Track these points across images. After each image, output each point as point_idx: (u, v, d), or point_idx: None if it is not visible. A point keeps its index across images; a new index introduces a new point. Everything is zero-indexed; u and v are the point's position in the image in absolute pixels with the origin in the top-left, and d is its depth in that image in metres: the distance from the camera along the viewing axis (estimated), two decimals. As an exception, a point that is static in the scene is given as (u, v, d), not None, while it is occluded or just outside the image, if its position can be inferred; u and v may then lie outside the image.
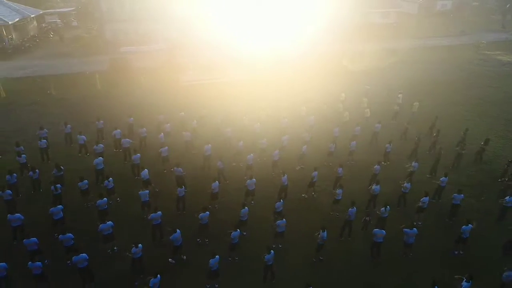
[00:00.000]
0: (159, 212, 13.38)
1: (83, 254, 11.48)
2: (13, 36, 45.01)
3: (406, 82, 30.42)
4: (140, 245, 11.81)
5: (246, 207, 13.60)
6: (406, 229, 12.72)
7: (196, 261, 12.71)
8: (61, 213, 13.69)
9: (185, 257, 12.95)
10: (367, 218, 14.16)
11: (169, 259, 12.84)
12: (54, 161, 18.14)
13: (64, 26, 58.58)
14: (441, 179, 15.73)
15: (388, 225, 13.63)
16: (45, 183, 16.24)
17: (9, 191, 14.85)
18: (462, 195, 14.57)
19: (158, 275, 10.71)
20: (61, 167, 16.62)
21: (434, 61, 37.66)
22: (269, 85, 29.17)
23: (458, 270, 12.13)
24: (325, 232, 12.53)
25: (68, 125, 20.50)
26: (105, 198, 14.23)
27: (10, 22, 42.32)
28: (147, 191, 14.76)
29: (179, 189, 14.81)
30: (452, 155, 18.74)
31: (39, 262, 11.49)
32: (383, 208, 14.02)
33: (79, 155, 19.52)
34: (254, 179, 15.43)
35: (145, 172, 16.11)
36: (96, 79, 29.00)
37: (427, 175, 17.88)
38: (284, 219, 13.22)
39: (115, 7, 43.87)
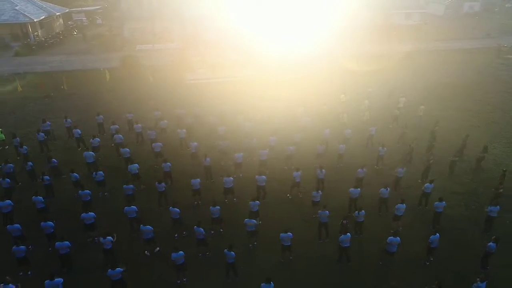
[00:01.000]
0: (134, 207, 13.81)
1: (66, 242, 12.09)
2: (39, 33, 47.30)
3: (417, 85, 29.71)
4: (108, 237, 12.24)
5: (217, 206, 13.74)
6: (390, 237, 12.46)
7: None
8: (42, 203, 14.38)
9: (158, 248, 13.29)
10: (344, 222, 13.98)
11: (145, 252, 13.29)
12: (53, 153, 19.15)
13: (89, 24, 60.90)
14: (425, 185, 15.32)
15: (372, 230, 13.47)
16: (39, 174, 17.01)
17: (8, 179, 15.81)
18: (443, 202, 14.16)
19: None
20: (53, 159, 17.41)
21: (452, 64, 36.46)
22: (278, 85, 28.95)
23: (429, 280, 11.87)
24: (289, 233, 12.51)
25: (69, 119, 21.39)
26: (87, 190, 14.82)
27: (35, 20, 44.44)
28: (131, 185, 15.24)
29: (157, 184, 15.18)
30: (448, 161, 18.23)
31: (23, 247, 12.19)
32: (356, 212, 13.87)
33: (79, 149, 20.25)
34: (231, 178, 15.61)
35: (133, 167, 16.62)
36: (106, 76, 29.95)
37: (418, 180, 17.44)
38: (254, 220, 13.29)
39: (133, 6, 45.22)
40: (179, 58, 35.49)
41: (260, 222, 14.31)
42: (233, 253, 11.81)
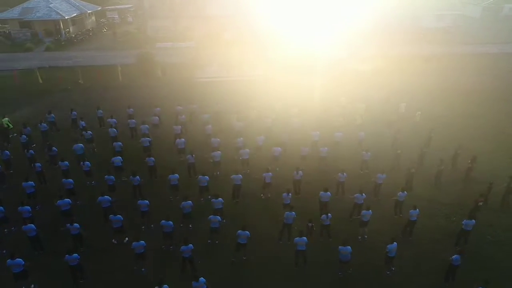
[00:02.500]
0: (107, 197, 14.48)
1: (31, 225, 12.99)
2: (70, 29, 50.06)
3: (427, 90, 28.62)
4: (76, 224, 12.99)
5: (189, 201, 14.14)
6: (340, 246, 12.18)
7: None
8: (33, 188, 15.39)
9: (127, 239, 13.89)
10: (310, 224, 13.93)
11: (113, 240, 13.96)
12: (54, 143, 20.41)
13: (121, 22, 63.48)
14: (398, 193, 14.88)
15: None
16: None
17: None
18: (417, 210, 13.72)
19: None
20: (53, 148, 18.58)
21: (474, 69, 34.69)
22: (289, 86, 28.79)
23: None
24: (246, 231, 12.65)
25: (74, 112, 22.67)
26: (70, 179, 15.74)
27: (66, 17, 47.11)
28: (112, 176, 15.99)
29: (131, 177, 15.81)
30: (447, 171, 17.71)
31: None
32: (324, 215, 13.75)
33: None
34: (207, 177, 15.90)
35: (117, 159, 17.41)
36: (119, 72, 31.28)
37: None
38: (218, 216, 13.55)
39: (156, 4, 46.71)
40: (194, 56, 36.34)
41: (224, 221, 14.56)
42: (191, 245, 12.14)
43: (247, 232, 12.74)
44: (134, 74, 32.16)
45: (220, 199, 14.50)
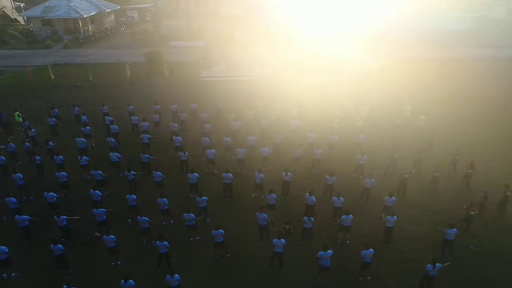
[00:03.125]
0: (98, 191, 14.96)
1: (25, 216, 13.51)
2: (89, 28, 51.53)
3: (436, 95, 27.81)
4: (62, 217, 13.44)
5: (164, 198, 14.38)
6: (320, 252, 11.94)
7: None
8: (21, 180, 16.00)
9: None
10: (287, 226, 13.87)
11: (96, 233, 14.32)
12: (61, 137, 21.25)
13: (140, 20, 64.81)
14: (385, 198, 14.58)
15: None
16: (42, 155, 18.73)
17: (3, 157, 17.86)
18: (394, 217, 13.44)
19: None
20: (50, 142, 19.22)
21: (491, 73, 33.40)
22: (295, 86, 28.55)
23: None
24: (220, 230, 12.77)
25: (76, 108, 23.37)
26: (63, 173, 16.27)
27: (85, 16, 48.52)
28: (99, 171, 16.39)
29: (126, 172, 16.19)
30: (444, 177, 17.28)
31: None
32: (305, 218, 13.65)
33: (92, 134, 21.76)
34: (196, 174, 16.08)
35: (114, 154, 17.84)
36: (127, 70, 31.99)
37: (395, 194, 16.54)
38: (192, 214, 13.66)
39: (171, 3, 47.43)
40: (203, 55, 36.70)
41: (208, 220, 14.78)
42: (166, 242, 12.34)
43: (221, 230, 12.80)
44: (142, 72, 32.77)
45: (204, 197, 14.61)
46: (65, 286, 10.60)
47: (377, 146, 19.86)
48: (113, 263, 13.01)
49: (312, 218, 13.64)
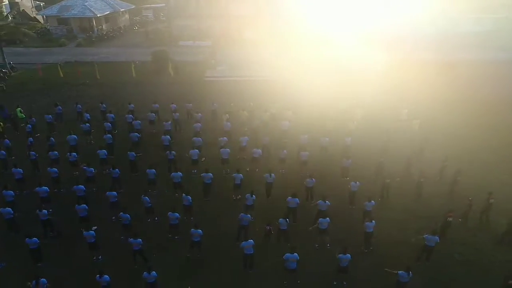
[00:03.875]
0: (82, 186, 15.40)
1: (8, 209, 14.08)
2: (103, 27, 52.74)
3: (443, 99, 27.17)
4: (44, 210, 13.91)
5: (146, 197, 14.66)
6: (287, 254, 11.96)
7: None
8: (20, 175, 16.63)
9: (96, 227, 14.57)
10: (268, 227, 13.93)
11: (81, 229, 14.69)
12: (60, 133, 21.87)
13: (154, 20, 65.86)
14: (365, 203, 14.43)
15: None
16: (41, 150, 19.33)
17: (3, 152, 18.61)
18: (373, 222, 13.29)
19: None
20: (51, 138, 19.86)
21: (503, 77, 32.39)
22: (297, 88, 28.48)
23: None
24: (199, 230, 12.92)
25: (79, 105, 24.03)
26: (54, 168, 16.80)
27: (98, 15, 49.69)
28: (92, 169, 16.86)
29: (111, 169, 16.60)
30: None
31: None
32: (281, 219, 13.67)
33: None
34: (180, 173, 16.34)
35: (102, 152, 18.28)
36: (132, 68, 32.64)
37: (378, 199, 16.40)
38: (177, 214, 13.88)
39: (182, 3, 48.05)
40: (209, 55, 37.03)
41: (192, 219, 14.97)
42: (139, 240, 12.61)
43: (200, 230, 12.97)
44: (148, 71, 33.38)
45: (189, 196, 14.83)
46: (33, 281, 10.90)
47: (366, 149, 19.58)
48: (94, 258, 13.37)
49: (287, 219, 13.63)
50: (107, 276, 11.10)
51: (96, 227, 14.33)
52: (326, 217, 13.46)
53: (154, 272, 11.24)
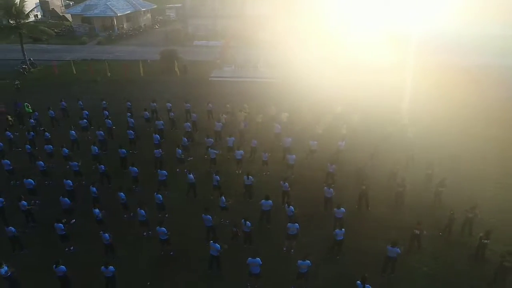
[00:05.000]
0: (69, 181, 16.12)
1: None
2: (124, 26, 54.40)
3: (450, 105, 26.22)
4: (23, 202, 14.64)
5: (121, 192, 15.13)
6: (249, 259, 11.91)
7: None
8: (10, 166, 17.64)
9: (74, 220, 15.28)
10: (234, 229, 14.04)
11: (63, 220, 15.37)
12: (61, 128, 22.91)
13: (177, 19, 67.15)
14: (335, 209, 14.22)
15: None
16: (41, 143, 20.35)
17: (1, 144, 19.72)
18: (342, 230, 13.10)
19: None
20: (46, 133, 20.76)
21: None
22: (301, 90, 28.12)
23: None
24: (163, 228, 13.21)
25: (80, 101, 25.01)
26: (40, 162, 17.63)
27: (119, 14, 51.30)
28: (76, 163, 17.55)
29: (98, 165, 17.25)
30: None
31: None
32: (243, 220, 13.71)
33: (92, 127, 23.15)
34: (165, 171, 16.77)
35: (94, 148, 18.99)
36: (140, 67, 33.52)
37: (355, 206, 16.13)
38: (142, 210, 14.24)
39: (198, 4, 48.78)
40: (219, 55, 37.38)
41: (166, 216, 15.36)
42: (107, 235, 13.06)
43: (164, 228, 13.26)
44: (156, 70, 34.18)
45: (159, 195, 15.18)
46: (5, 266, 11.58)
47: (355, 155, 19.24)
48: (66, 249, 13.97)
49: (248, 222, 13.64)
50: (63, 266, 11.53)
51: (64, 220, 14.93)
52: (295, 223, 13.37)
53: (111, 267, 11.60)
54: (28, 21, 35.55)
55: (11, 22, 33.92)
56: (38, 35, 38.55)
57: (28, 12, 34.78)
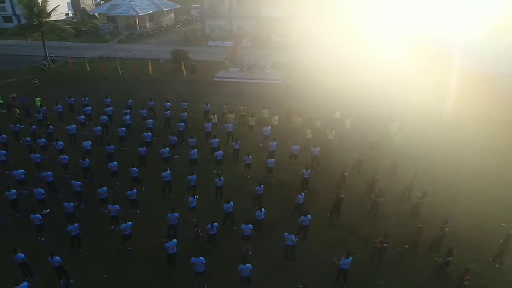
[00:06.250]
0: (49, 173, 16.98)
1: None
2: (146, 25, 56.08)
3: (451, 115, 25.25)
4: (13, 190, 15.63)
5: (104, 187, 15.82)
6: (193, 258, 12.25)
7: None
8: (4, 156, 18.87)
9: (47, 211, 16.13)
10: (195, 230, 14.32)
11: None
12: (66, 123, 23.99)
13: (199, 19, 68.25)
14: (301, 217, 14.11)
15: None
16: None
17: (4, 136, 21.03)
18: (292, 236, 13.02)
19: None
20: (50, 126, 22.00)
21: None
22: (303, 93, 28.57)
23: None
24: (128, 223, 13.72)
25: (87, 98, 26.08)
26: (37, 154, 18.74)
27: (141, 14, 52.95)
28: (66, 156, 18.48)
29: (81, 160, 18.04)
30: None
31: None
32: (209, 225, 13.94)
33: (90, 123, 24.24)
34: (135, 168, 17.31)
35: (87, 143, 19.91)
36: (149, 66, 34.50)
37: (327, 213, 15.94)
38: (117, 206, 14.82)
39: (215, 4, 49.45)
40: (227, 55, 37.77)
41: (138, 212, 15.94)
42: (76, 225, 13.72)
43: (130, 223, 13.76)
44: (164, 69, 35.07)
45: (134, 191, 15.72)
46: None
47: (341, 161, 18.98)
48: (39, 238, 14.78)
49: (215, 224, 13.85)
50: (22, 254, 12.23)
51: (45, 210, 15.87)
52: (248, 224, 13.47)
53: (57, 257, 12.21)
54: (50, 19, 37.31)
55: (34, 21, 35.88)
56: (57, 33, 40.46)
57: (50, 11, 36.58)
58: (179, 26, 61.41)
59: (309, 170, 17.29)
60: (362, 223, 15.54)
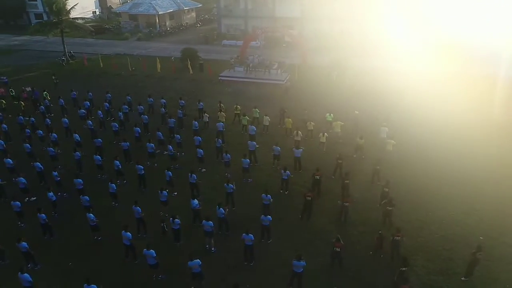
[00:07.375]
0: (38, 163, 17.93)
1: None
2: (166, 23, 57.37)
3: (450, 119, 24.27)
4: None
5: (79, 179, 16.45)
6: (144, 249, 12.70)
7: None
8: (3, 146, 20.06)
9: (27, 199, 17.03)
10: (162, 224, 14.71)
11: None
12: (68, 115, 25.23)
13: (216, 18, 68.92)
14: (261, 217, 14.16)
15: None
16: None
17: (5, 126, 22.36)
18: (250, 235, 13.10)
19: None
20: (47, 119, 23.16)
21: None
22: (304, 95, 28.50)
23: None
24: (90, 215, 14.26)
25: (90, 93, 27.21)
26: (28, 144, 19.80)
27: (160, 12, 54.22)
28: (52, 149, 19.48)
29: (73, 153, 18.91)
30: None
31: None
32: (171, 219, 14.25)
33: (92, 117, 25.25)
34: (117, 162, 17.93)
35: (76, 136, 20.83)
36: (157, 64, 35.35)
37: (299, 215, 15.86)
38: (87, 197, 15.48)
39: (231, 4, 49.87)
40: (239, 54, 37.98)
41: (116, 205, 16.65)
42: (43, 215, 14.46)
43: (92, 215, 14.42)
44: (173, 67, 35.79)
45: (113, 184, 16.36)
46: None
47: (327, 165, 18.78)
48: (19, 223, 15.65)
49: (176, 220, 14.13)
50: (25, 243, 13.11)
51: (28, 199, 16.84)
52: (208, 221, 13.67)
53: (24, 243, 13.00)
54: (71, 17, 39.15)
55: (54, 18, 37.72)
56: (75, 30, 42.22)
57: (70, 9, 38.29)
58: (199, 25, 62.31)
59: (287, 172, 17.21)
60: (330, 228, 15.31)
